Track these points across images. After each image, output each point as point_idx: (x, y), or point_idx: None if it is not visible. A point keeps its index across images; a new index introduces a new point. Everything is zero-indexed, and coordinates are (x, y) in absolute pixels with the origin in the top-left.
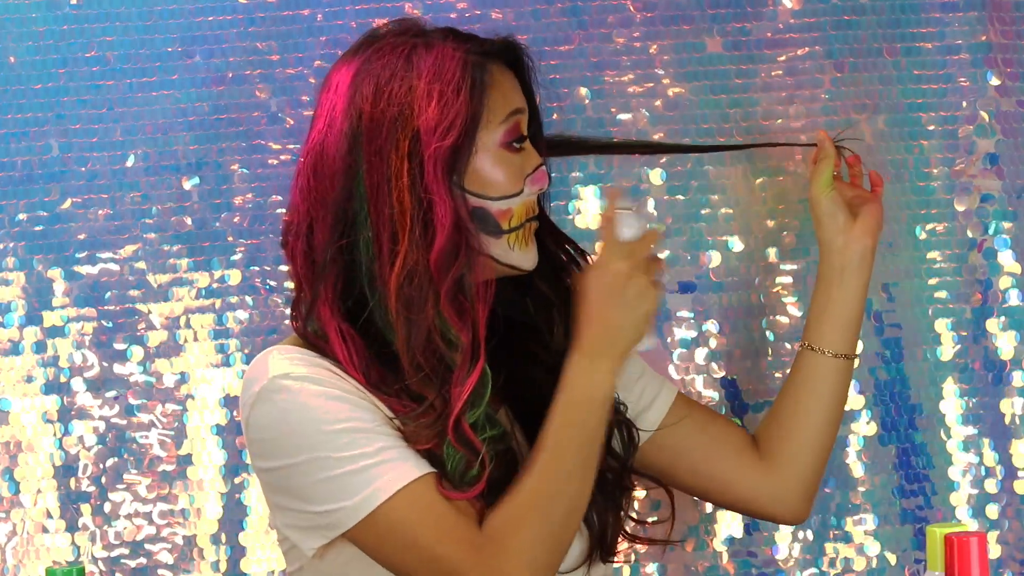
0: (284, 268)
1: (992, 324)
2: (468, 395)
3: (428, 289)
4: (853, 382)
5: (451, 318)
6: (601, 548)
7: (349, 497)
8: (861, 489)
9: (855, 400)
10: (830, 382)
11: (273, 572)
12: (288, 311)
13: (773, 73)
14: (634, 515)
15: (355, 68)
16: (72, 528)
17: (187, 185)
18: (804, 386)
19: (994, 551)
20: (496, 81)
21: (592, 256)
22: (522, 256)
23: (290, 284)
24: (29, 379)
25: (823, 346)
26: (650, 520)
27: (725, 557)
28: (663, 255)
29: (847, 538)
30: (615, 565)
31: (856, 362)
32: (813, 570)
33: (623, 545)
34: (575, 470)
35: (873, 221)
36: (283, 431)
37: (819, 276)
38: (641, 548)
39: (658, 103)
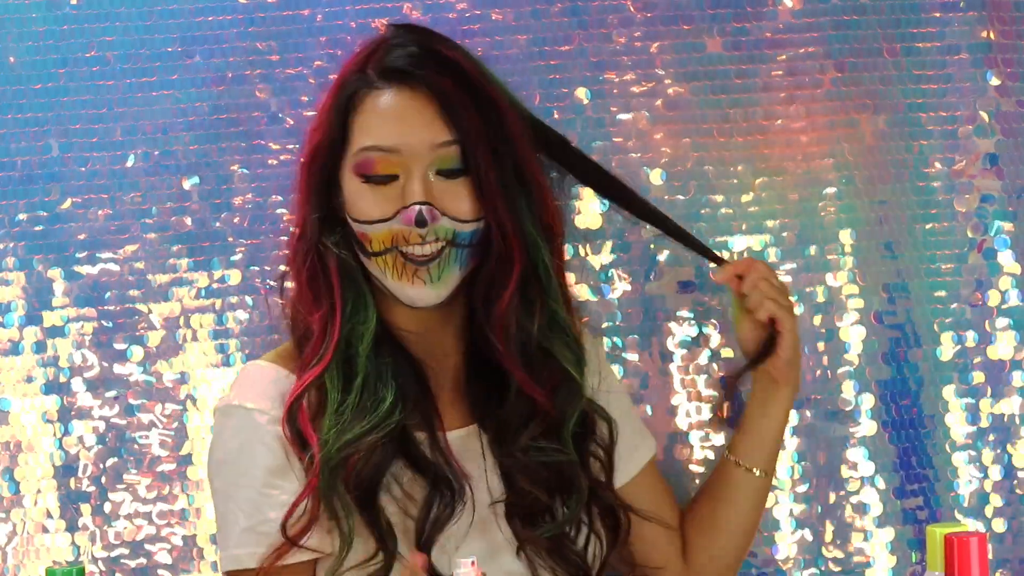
0: (284, 268)
1: (992, 324)
2: (309, 381)
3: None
4: (853, 382)
5: (305, 305)
6: None
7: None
8: (861, 489)
9: (855, 400)
10: (752, 498)
11: None
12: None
13: (773, 73)
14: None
15: None
16: (72, 528)
17: (187, 185)
18: (724, 499)
19: (994, 551)
20: (363, 110)
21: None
22: (396, 286)
23: (289, 283)
24: (29, 379)
25: (751, 464)
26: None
27: None
28: (663, 255)
29: (847, 538)
30: None
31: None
32: (813, 570)
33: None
34: None
35: (786, 344)
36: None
37: (751, 395)
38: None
39: (658, 103)
